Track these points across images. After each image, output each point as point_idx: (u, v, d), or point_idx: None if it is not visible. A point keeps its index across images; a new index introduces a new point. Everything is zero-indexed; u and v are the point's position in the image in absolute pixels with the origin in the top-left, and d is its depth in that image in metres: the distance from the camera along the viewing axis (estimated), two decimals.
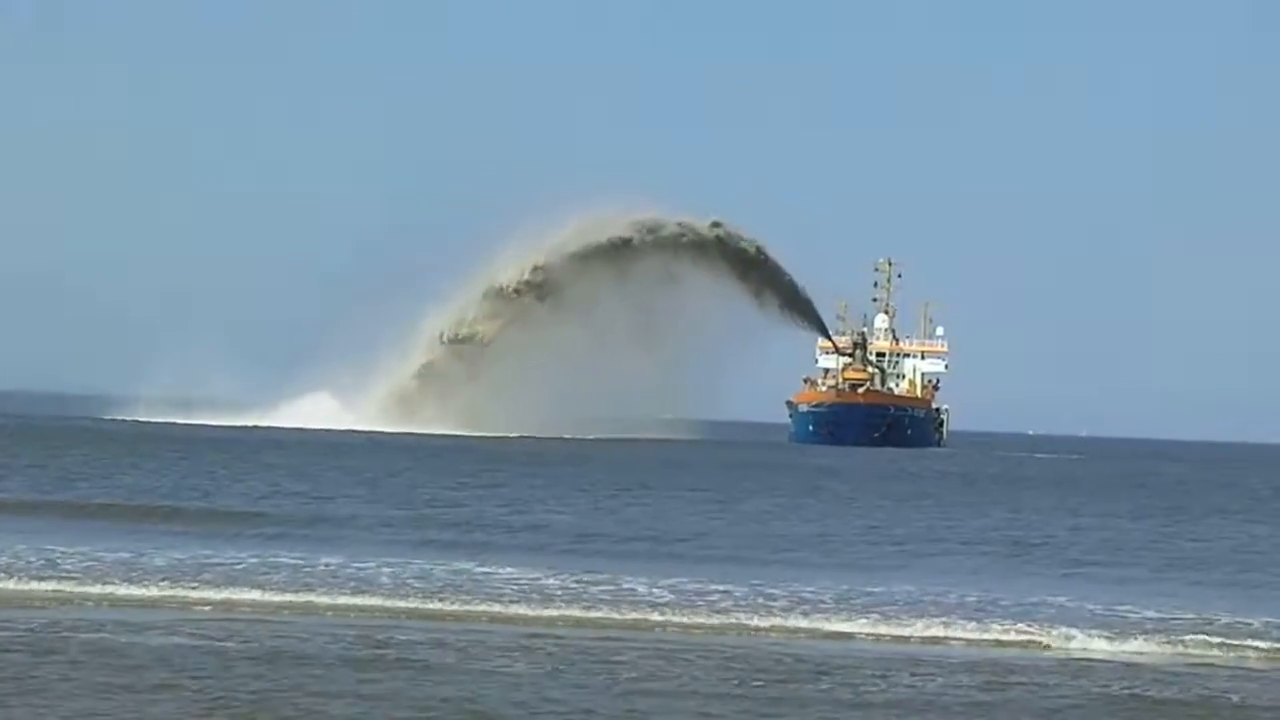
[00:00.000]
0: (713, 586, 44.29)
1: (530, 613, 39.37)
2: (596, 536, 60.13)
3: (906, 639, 37.64)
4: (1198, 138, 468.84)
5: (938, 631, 38.13)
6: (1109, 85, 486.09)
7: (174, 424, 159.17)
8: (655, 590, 43.29)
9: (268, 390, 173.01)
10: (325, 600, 39.84)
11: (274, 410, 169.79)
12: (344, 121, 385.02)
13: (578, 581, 44.52)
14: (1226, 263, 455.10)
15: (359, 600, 40.15)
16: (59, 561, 44.57)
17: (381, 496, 74.16)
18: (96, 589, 40.43)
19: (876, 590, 45.17)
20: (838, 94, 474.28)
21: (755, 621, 38.99)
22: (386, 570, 45.57)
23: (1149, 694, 31.30)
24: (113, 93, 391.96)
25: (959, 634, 38.11)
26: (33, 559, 44.87)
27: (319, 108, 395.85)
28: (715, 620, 39.03)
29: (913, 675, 32.36)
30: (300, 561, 46.62)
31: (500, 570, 46.45)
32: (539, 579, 44.77)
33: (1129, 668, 34.43)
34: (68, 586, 40.69)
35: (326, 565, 45.99)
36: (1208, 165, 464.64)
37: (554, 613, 39.47)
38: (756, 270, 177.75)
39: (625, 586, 43.79)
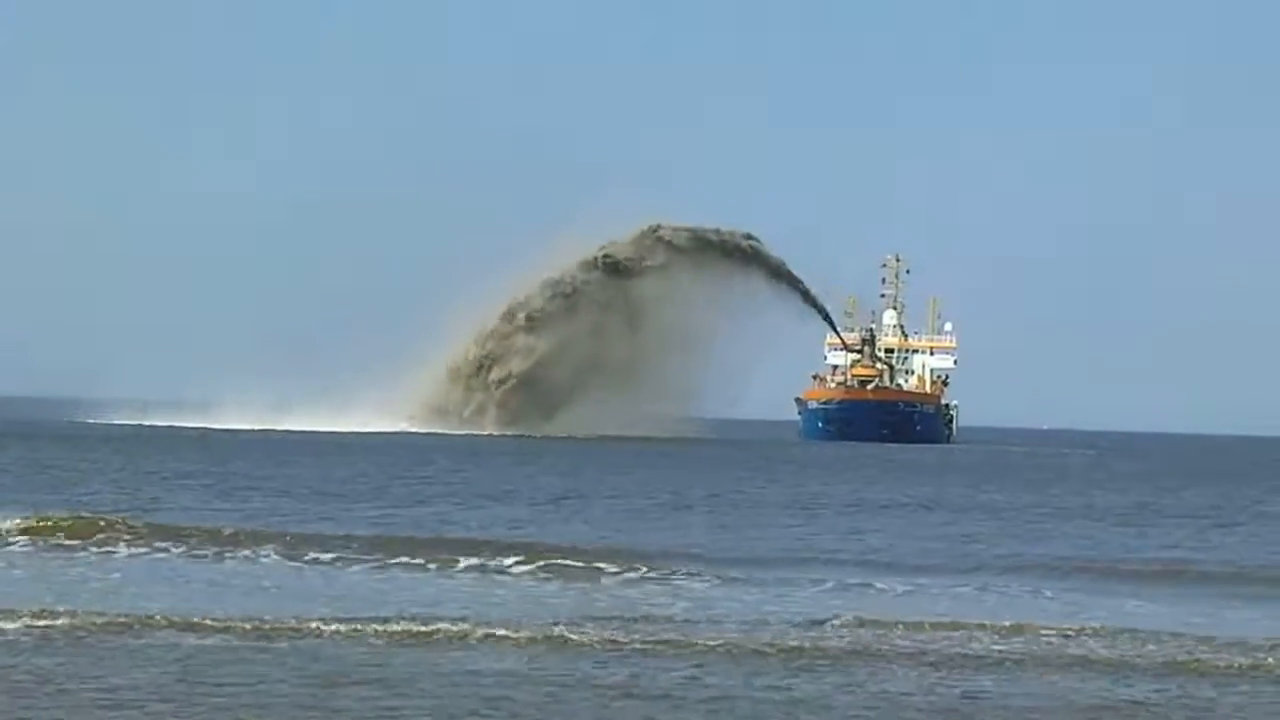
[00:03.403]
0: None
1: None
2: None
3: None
4: (1205, 134, 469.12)
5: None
6: (1115, 80, 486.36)
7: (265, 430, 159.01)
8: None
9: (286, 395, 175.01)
10: None
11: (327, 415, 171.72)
12: (347, 123, 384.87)
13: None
14: (1236, 257, 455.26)
15: None
16: None
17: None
18: None
19: None
20: (843, 89, 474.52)
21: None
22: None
23: None
24: (101, 89, 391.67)
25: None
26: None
27: (318, 108, 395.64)
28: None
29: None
30: None
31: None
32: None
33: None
34: None
35: None
36: (1215, 160, 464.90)
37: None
38: (767, 270, 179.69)
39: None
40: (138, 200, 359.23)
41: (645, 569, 47.82)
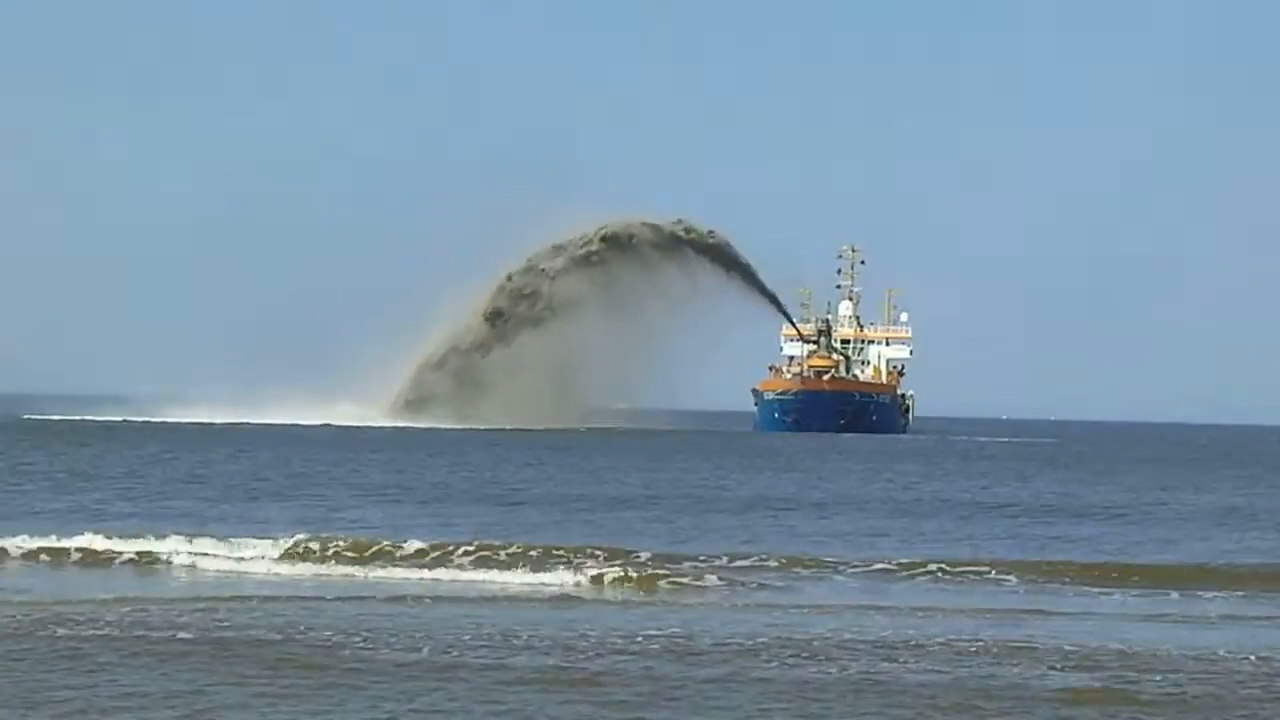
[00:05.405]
0: None
1: None
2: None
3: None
4: (1163, 127, 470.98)
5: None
6: (1070, 72, 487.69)
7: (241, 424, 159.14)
8: None
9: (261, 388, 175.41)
10: None
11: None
12: (335, 123, 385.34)
13: None
14: (1195, 246, 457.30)
15: None
16: None
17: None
18: None
19: None
20: (801, 85, 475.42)
21: None
22: None
23: None
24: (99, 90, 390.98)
25: None
26: None
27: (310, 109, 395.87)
28: None
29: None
30: None
31: None
32: None
33: None
34: None
35: None
36: (1174, 148, 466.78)
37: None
38: (721, 262, 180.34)
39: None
40: (100, 196, 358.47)
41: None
